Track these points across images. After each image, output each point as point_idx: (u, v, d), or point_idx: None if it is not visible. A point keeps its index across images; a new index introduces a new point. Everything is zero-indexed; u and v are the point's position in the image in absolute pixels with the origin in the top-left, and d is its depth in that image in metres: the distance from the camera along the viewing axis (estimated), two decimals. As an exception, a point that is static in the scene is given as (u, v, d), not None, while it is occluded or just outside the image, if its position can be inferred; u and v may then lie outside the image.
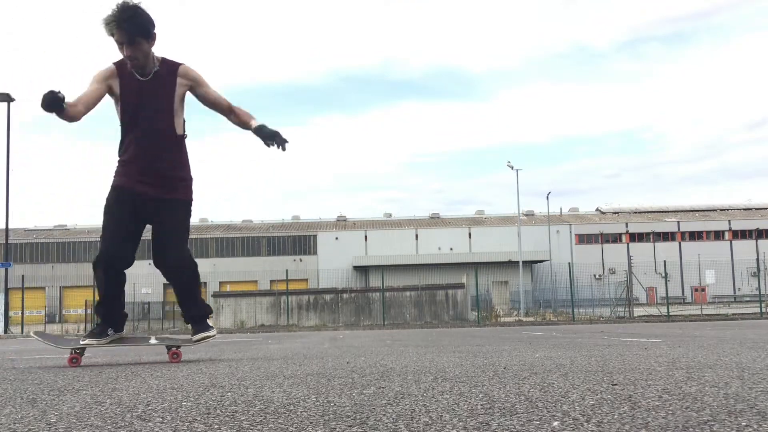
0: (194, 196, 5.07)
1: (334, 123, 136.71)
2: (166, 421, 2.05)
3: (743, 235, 74.16)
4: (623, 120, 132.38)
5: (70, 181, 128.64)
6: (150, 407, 2.37)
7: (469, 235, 72.99)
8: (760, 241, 72.32)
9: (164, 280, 5.17)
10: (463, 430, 1.77)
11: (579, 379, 2.94)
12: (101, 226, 4.92)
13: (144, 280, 58.77)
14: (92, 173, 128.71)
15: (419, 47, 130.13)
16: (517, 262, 48.00)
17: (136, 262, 5.07)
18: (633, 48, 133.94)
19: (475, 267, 31.16)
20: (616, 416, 1.90)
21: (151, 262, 5.13)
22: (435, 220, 77.84)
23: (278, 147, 4.68)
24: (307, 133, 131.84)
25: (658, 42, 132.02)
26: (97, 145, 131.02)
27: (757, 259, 41.61)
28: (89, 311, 30.93)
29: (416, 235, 72.64)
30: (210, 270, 65.36)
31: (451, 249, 71.20)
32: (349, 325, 26.62)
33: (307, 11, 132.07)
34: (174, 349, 5.03)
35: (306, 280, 65.23)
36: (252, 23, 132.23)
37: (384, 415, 2.04)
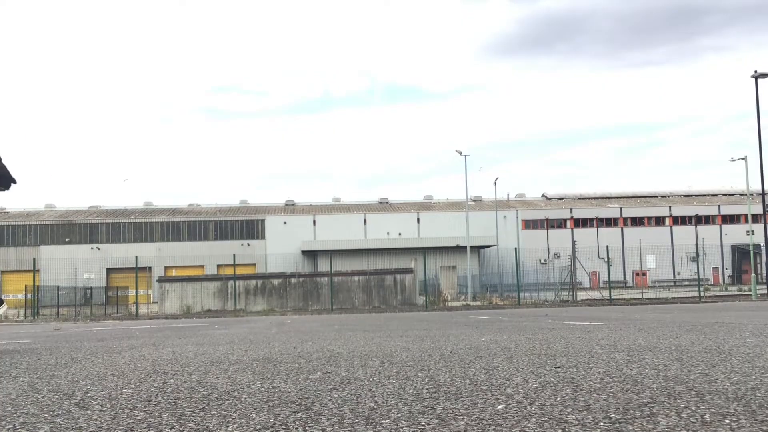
0: None
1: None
2: (105, 408, 2.00)
3: (683, 221, 76.20)
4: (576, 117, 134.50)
5: (8, 162, 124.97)
6: (89, 395, 2.31)
7: (418, 220, 73.33)
8: (699, 227, 74.44)
9: (108, 264, 4.88)
10: (408, 414, 1.76)
11: (523, 362, 2.98)
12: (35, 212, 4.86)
13: (86, 265, 57.65)
14: (31, 154, 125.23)
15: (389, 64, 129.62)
16: (465, 247, 48.50)
17: (78, 246, 4.87)
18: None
19: (424, 252, 31.31)
20: (558, 399, 1.92)
21: (94, 245, 4.90)
22: (384, 205, 77.99)
23: None
24: (258, 119, 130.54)
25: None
26: (36, 122, 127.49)
27: (696, 245, 42.89)
28: (29, 296, 30.17)
29: (365, 220, 72.65)
30: (155, 254, 64.27)
31: (400, 234, 71.44)
32: (298, 309, 26.53)
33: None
34: None
35: (254, 264, 64.72)
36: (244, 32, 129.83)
37: (329, 400, 2.03)
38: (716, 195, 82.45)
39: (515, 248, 34.16)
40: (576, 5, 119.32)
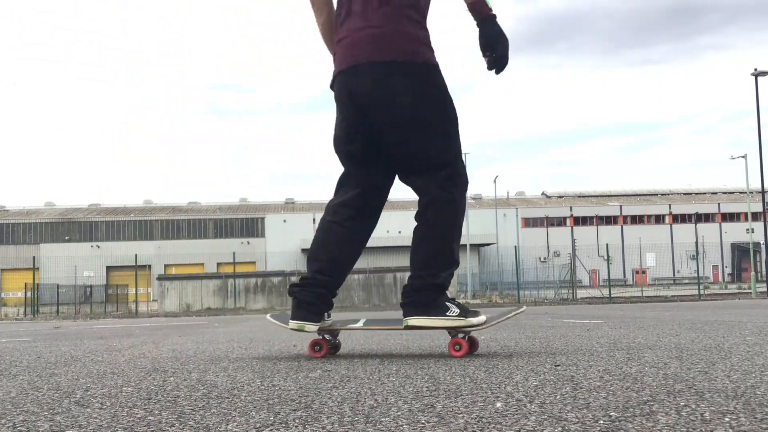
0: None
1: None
2: (105, 406, 2.00)
3: (683, 219, 76.23)
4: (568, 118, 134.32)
5: (8, 160, 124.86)
6: (89, 392, 2.31)
7: (418, 218, 73.31)
8: (699, 225, 74.45)
9: (108, 263, 4.82)
10: (408, 412, 1.76)
11: (523, 360, 2.98)
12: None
13: (86, 263, 57.64)
14: (31, 152, 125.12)
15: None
16: (465, 245, 48.51)
17: (78, 244, 4.83)
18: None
19: (423, 250, 31.26)
20: (558, 397, 1.92)
21: (94, 244, 4.86)
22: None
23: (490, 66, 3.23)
24: (258, 118, 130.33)
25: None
26: (37, 121, 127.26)
27: (696, 243, 42.90)
28: (29, 294, 30.19)
29: (365, 218, 72.63)
30: (155, 252, 64.28)
31: (400, 232, 71.50)
32: (297, 307, 26.50)
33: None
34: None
35: (254, 262, 64.83)
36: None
37: (329, 398, 2.03)
38: (716, 193, 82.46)
39: (515, 246, 34.19)
40: (576, 4, 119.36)
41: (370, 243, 3.79)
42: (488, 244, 66.90)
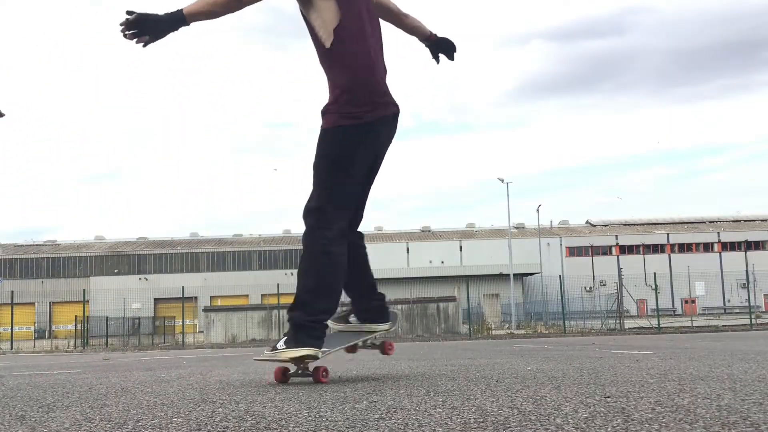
0: (342, 121, 3.61)
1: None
2: (156, 437, 2.03)
3: (732, 246, 74.52)
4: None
5: (61, 195, 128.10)
6: (140, 423, 2.34)
7: (460, 248, 73.05)
8: (749, 253, 72.69)
9: (155, 295, 4.89)
10: (456, 444, 1.75)
11: (571, 391, 2.94)
12: None
13: (134, 295, 58.57)
14: (82, 188, 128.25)
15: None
16: (508, 274, 48.06)
17: (126, 277, 4.92)
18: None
19: (467, 280, 31.12)
20: (609, 429, 1.90)
21: (142, 276, 4.95)
22: (426, 233, 77.86)
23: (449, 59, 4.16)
24: (300, 146, 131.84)
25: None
26: (87, 157, 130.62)
27: (747, 271, 41.85)
28: (79, 327, 30.74)
29: (407, 248, 72.65)
30: (201, 284, 65.05)
31: (442, 262, 71.24)
32: (341, 339, 26.49)
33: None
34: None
35: (297, 294, 65.11)
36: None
37: (376, 429, 2.03)
38: (765, 220, 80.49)
39: (559, 275, 33.78)
40: (627, 43, 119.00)
41: (412, 273, 3.91)
42: (532, 274, 66.22)
